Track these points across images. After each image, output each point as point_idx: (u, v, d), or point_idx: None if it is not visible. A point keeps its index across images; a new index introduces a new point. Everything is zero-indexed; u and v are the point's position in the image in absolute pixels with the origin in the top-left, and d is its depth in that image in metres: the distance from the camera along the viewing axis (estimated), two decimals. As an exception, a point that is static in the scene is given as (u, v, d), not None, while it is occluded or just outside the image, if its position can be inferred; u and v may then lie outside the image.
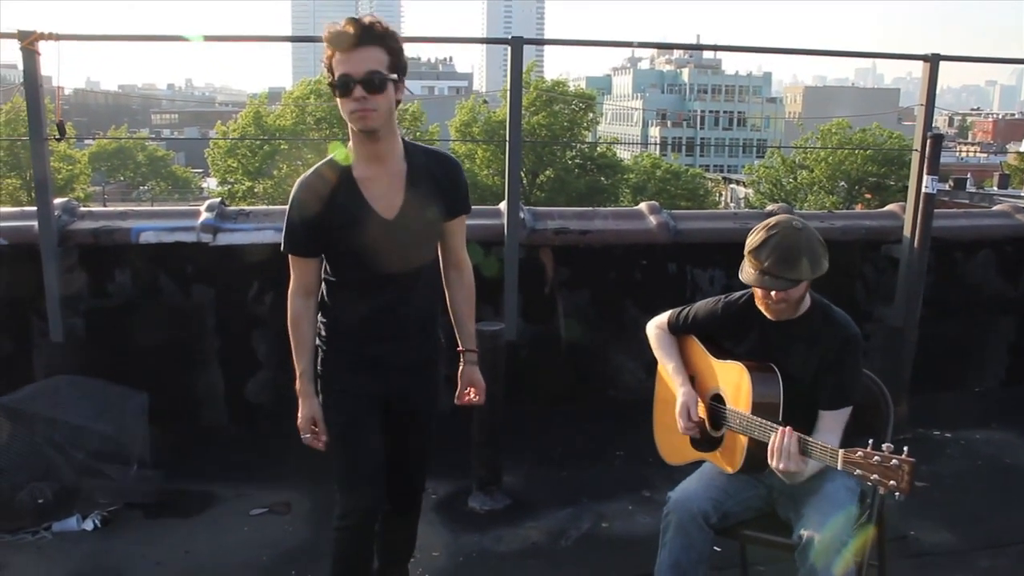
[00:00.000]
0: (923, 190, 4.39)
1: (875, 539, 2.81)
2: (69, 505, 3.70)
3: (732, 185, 60.92)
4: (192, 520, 3.78)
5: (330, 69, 2.34)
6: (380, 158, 2.44)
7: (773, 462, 2.53)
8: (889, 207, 5.20)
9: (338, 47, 2.30)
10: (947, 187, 42.97)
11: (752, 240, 2.71)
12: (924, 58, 4.44)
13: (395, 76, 2.34)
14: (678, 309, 3.09)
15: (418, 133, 42.68)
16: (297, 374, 2.57)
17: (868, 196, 45.21)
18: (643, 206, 4.84)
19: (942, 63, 4.51)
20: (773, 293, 2.67)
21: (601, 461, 4.40)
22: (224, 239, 4.18)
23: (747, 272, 2.71)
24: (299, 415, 2.59)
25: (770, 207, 4.95)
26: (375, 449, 2.64)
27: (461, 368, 2.79)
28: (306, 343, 2.57)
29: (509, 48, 4.06)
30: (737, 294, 2.95)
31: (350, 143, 2.46)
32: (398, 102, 2.41)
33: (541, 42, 4.45)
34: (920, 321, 4.57)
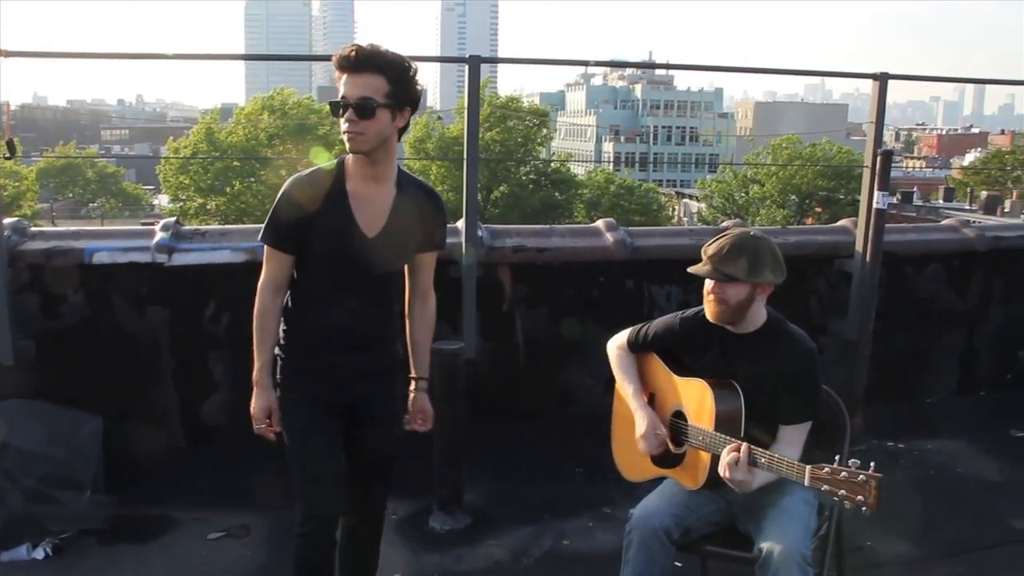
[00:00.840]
0: (874, 205, 4.47)
1: (834, 551, 2.86)
2: (19, 533, 3.60)
3: (685, 200, 61.59)
4: (148, 545, 3.71)
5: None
6: (374, 179, 2.55)
7: (721, 472, 2.57)
8: (841, 222, 5.29)
9: (340, 69, 2.41)
10: (894, 200, 43.84)
11: (712, 239, 2.81)
12: (873, 77, 4.55)
13: (390, 104, 2.42)
14: (637, 327, 3.13)
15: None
16: (256, 366, 2.60)
17: (819, 210, 46.00)
18: (600, 223, 4.87)
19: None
20: (711, 286, 2.74)
21: (561, 478, 4.40)
22: (180, 259, 4.12)
23: (697, 264, 2.81)
24: (253, 405, 2.61)
25: (725, 223, 5.02)
26: (334, 456, 2.66)
27: (412, 395, 2.84)
28: (269, 337, 2.61)
29: (467, 66, 4.08)
30: (694, 309, 2.99)
31: (348, 156, 2.54)
32: (402, 130, 2.51)
33: (498, 60, 4.47)
34: (873, 334, 4.65)
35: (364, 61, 2.39)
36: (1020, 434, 5.08)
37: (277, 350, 2.63)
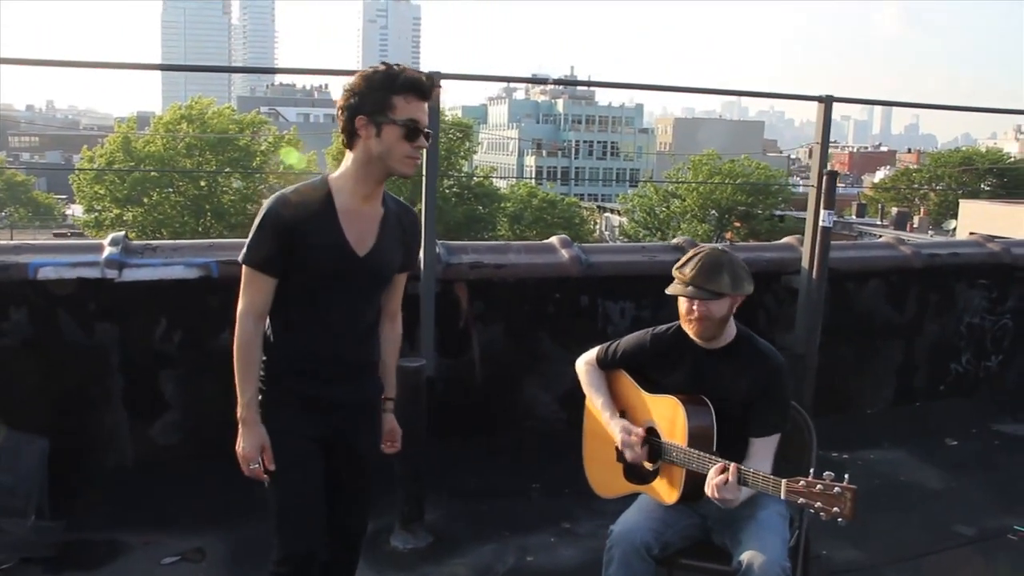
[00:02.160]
0: (820, 224, 4.61)
1: (801, 561, 2.93)
2: (-40, 564, 3.46)
3: (607, 214, 62.33)
4: (97, 573, 3.57)
5: (384, 103, 2.34)
6: (370, 199, 2.48)
7: (709, 492, 2.62)
8: (786, 239, 5.43)
9: (418, 94, 2.36)
10: (811, 216, 45.14)
11: (681, 260, 2.88)
12: (819, 99, 4.68)
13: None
14: (606, 344, 3.16)
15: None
16: (242, 402, 2.46)
17: (737, 224, 47.10)
18: (554, 240, 4.90)
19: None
20: (695, 305, 2.79)
21: (519, 494, 4.41)
22: (130, 275, 4.00)
23: (673, 286, 2.86)
24: (243, 444, 2.47)
25: (675, 240, 5.10)
26: (317, 494, 2.58)
27: (383, 416, 2.78)
28: (255, 369, 2.47)
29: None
30: (665, 326, 3.04)
31: (336, 173, 2.47)
32: None
33: (461, 77, 4.49)
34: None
35: (431, 92, 2.40)
36: (954, 443, 5.29)
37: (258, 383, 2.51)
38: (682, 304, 2.88)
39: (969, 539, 4.11)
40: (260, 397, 2.51)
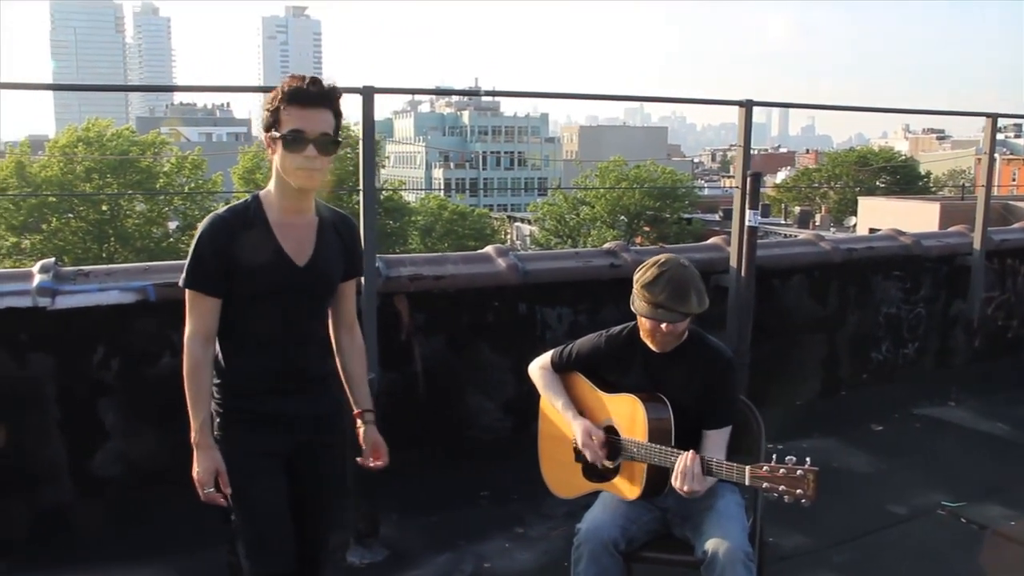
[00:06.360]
0: (747, 223, 4.77)
1: (757, 547, 3.05)
2: None
3: (517, 223, 62.75)
4: (43, 612, 3.49)
5: (275, 119, 2.37)
6: (300, 211, 2.49)
7: (678, 483, 2.70)
8: (712, 240, 5.58)
9: (297, 102, 2.34)
10: (717, 217, 46.47)
11: (644, 276, 2.88)
12: (739, 104, 4.86)
13: (338, 140, 2.43)
14: (559, 348, 3.23)
15: (200, 182, 41.26)
16: (195, 426, 2.44)
17: (647, 228, 47.98)
18: (490, 249, 4.94)
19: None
20: (664, 325, 2.85)
21: (468, 503, 4.44)
22: (64, 302, 3.88)
23: (640, 305, 2.88)
24: (197, 469, 2.43)
25: (608, 245, 5.19)
26: (282, 512, 2.56)
27: (363, 430, 2.77)
28: (205, 392, 2.46)
29: (361, 96, 4.10)
30: (618, 328, 3.12)
31: (265, 190, 2.48)
32: None
33: (395, 91, 4.50)
34: (747, 344, 4.93)
35: (324, 97, 2.36)
36: (879, 428, 5.54)
37: (212, 404, 2.50)
38: (647, 322, 2.92)
39: (903, 518, 4.32)
40: (217, 419, 2.51)
